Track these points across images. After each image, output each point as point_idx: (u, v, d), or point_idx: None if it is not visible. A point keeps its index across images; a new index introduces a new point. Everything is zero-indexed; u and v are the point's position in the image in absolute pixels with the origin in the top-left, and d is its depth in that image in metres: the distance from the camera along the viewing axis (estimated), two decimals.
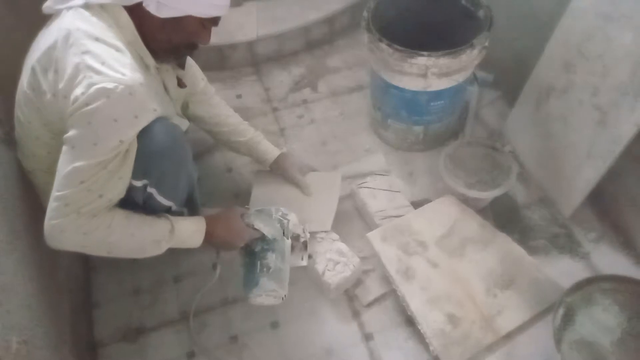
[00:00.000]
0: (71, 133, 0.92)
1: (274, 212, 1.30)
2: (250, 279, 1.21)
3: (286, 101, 1.92)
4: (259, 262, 1.22)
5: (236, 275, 1.27)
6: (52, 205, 0.94)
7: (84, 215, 0.95)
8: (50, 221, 0.95)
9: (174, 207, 1.17)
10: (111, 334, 1.33)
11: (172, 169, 1.09)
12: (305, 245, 1.32)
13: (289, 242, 1.27)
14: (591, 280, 1.21)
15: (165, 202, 1.13)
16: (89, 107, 0.89)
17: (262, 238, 1.24)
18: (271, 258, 1.22)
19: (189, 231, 1.14)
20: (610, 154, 1.28)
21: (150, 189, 1.07)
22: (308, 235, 1.33)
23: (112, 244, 1.02)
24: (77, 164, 0.91)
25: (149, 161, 1.03)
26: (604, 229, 1.47)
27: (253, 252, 1.24)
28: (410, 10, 1.59)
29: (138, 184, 1.05)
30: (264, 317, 1.34)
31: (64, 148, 0.93)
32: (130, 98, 0.91)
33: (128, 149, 0.97)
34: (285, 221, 1.29)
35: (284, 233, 1.27)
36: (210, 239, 1.18)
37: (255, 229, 1.23)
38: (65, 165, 0.93)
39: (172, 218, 1.11)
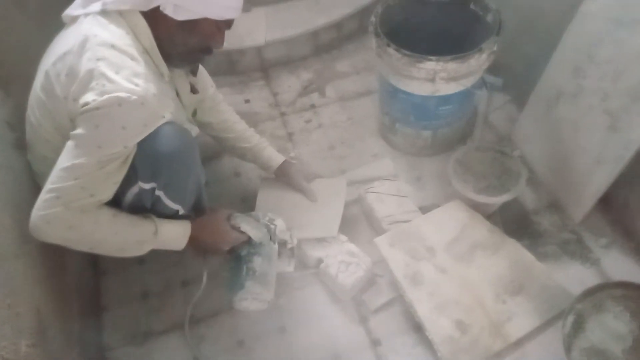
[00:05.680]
0: (78, 131, 0.93)
1: (261, 216, 1.29)
2: (235, 283, 1.21)
3: (294, 106, 1.92)
4: (245, 266, 1.21)
5: None
6: (43, 197, 0.95)
7: (72, 209, 0.96)
8: (38, 211, 0.95)
9: (182, 211, 1.17)
10: (119, 337, 1.33)
11: (181, 172, 1.10)
12: (292, 251, 1.32)
13: (275, 246, 1.27)
14: (602, 286, 1.20)
15: (173, 205, 1.13)
16: (100, 111, 0.90)
17: (249, 242, 1.24)
18: (257, 262, 1.22)
19: (173, 235, 1.15)
20: (621, 159, 1.26)
21: (158, 192, 1.08)
22: (295, 241, 1.33)
23: (96, 240, 1.03)
24: (77, 160, 0.93)
25: (158, 164, 1.04)
26: (614, 234, 1.45)
27: (239, 256, 1.24)
28: (418, 15, 1.59)
29: (146, 186, 1.06)
30: (271, 322, 1.34)
31: (68, 143, 0.95)
32: (142, 108, 0.93)
33: (128, 155, 0.99)
34: (272, 226, 1.28)
35: (270, 238, 1.26)
36: (195, 242, 1.18)
37: (242, 232, 1.23)
38: (65, 159, 0.94)
39: (157, 220, 1.12)
